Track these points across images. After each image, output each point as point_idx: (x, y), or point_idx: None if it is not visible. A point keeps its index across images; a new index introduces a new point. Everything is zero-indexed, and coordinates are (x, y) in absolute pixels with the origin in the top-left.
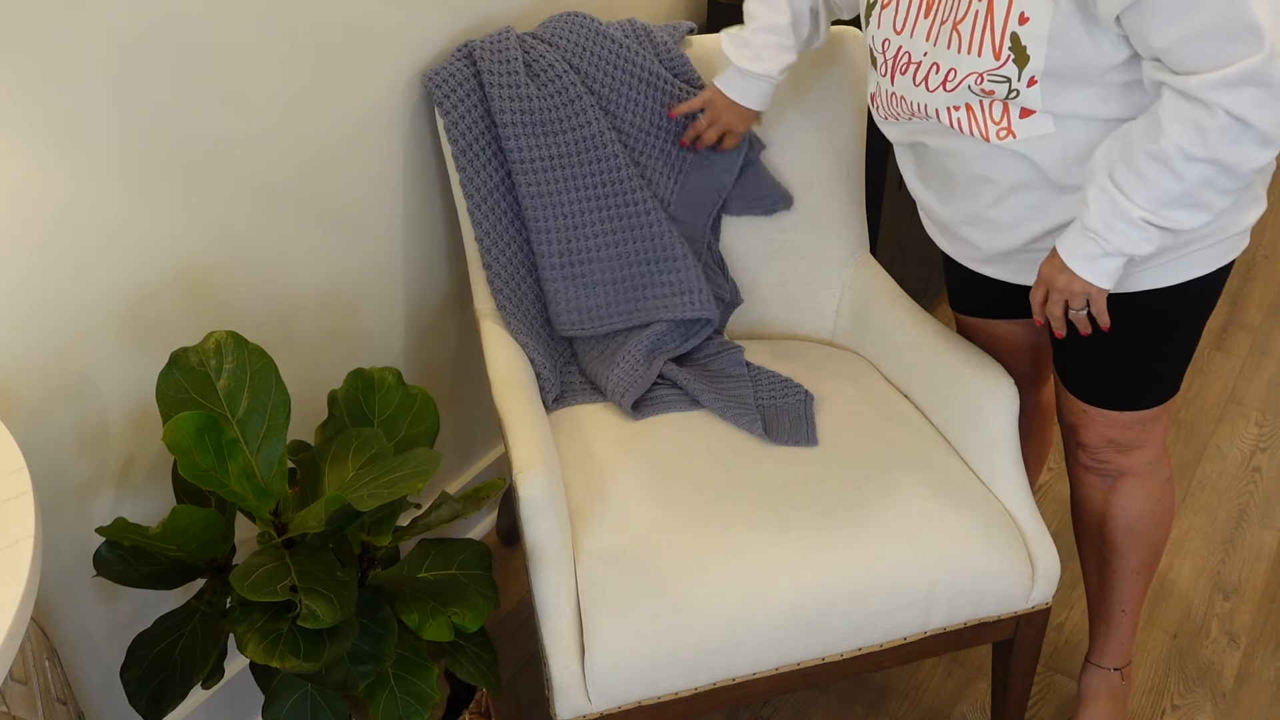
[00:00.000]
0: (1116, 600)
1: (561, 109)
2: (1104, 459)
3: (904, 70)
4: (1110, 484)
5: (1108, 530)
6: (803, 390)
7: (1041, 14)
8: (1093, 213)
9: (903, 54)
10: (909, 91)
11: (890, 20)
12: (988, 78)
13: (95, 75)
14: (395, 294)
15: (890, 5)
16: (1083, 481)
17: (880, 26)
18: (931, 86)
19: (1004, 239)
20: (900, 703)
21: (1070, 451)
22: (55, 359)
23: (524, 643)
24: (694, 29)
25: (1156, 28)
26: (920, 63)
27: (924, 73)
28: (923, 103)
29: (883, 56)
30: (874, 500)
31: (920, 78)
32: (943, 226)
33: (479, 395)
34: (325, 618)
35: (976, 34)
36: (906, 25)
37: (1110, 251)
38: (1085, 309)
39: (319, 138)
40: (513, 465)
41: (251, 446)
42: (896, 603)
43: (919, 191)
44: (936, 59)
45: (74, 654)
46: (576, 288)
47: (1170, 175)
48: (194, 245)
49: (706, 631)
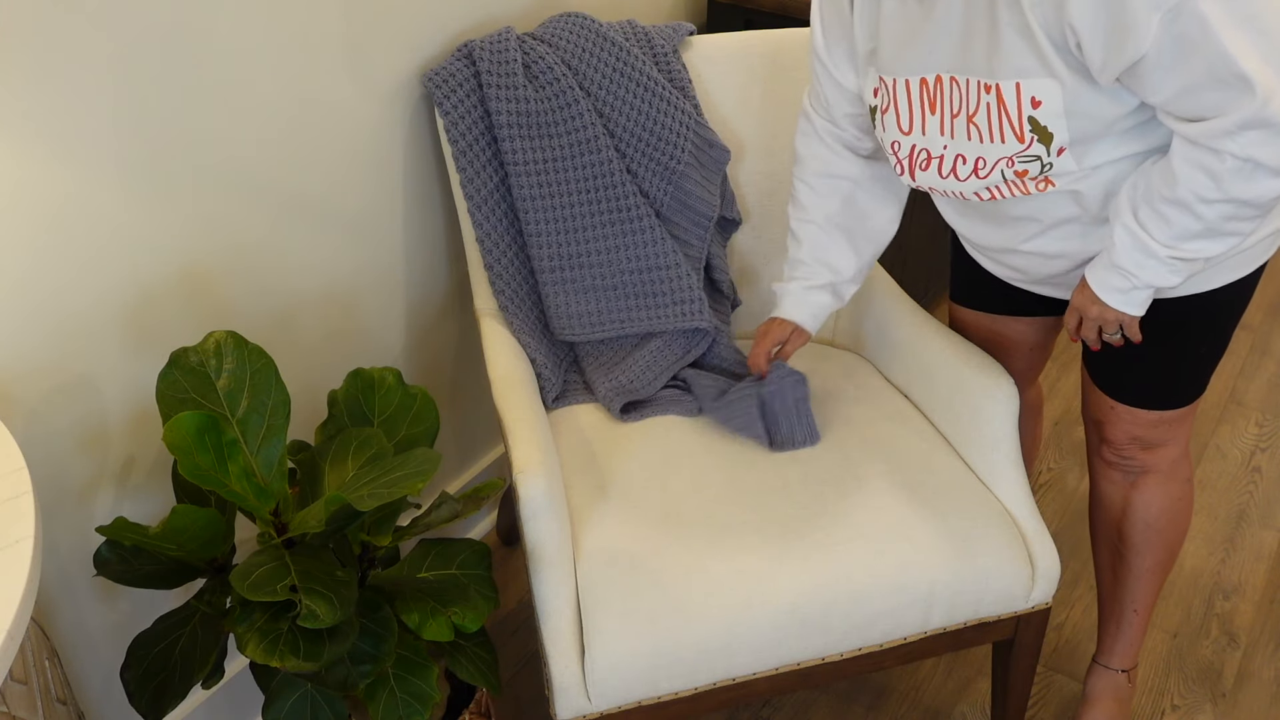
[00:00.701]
0: (1129, 599)
1: (557, 112)
2: (1128, 455)
3: (924, 167)
4: (1132, 481)
5: (1126, 527)
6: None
7: (1051, 95)
8: (1120, 250)
9: (919, 152)
10: (936, 183)
11: (894, 124)
12: (1018, 160)
13: (95, 75)
14: (395, 294)
15: (889, 110)
16: (1104, 477)
17: (886, 130)
18: (962, 176)
19: (1048, 266)
20: (900, 703)
21: (1093, 447)
22: (56, 359)
23: (524, 643)
24: (694, 30)
25: (1153, 86)
26: (942, 156)
27: (949, 166)
28: (955, 190)
29: (895, 157)
30: (874, 500)
31: (947, 170)
32: (980, 250)
33: (479, 395)
34: (325, 618)
35: (994, 124)
36: (914, 125)
37: (1139, 285)
38: (1119, 332)
39: (319, 137)
40: (513, 465)
41: (251, 446)
42: (896, 603)
43: (958, 224)
44: (960, 151)
45: (74, 654)
46: (569, 292)
47: (1190, 216)
48: (194, 245)
49: (706, 631)
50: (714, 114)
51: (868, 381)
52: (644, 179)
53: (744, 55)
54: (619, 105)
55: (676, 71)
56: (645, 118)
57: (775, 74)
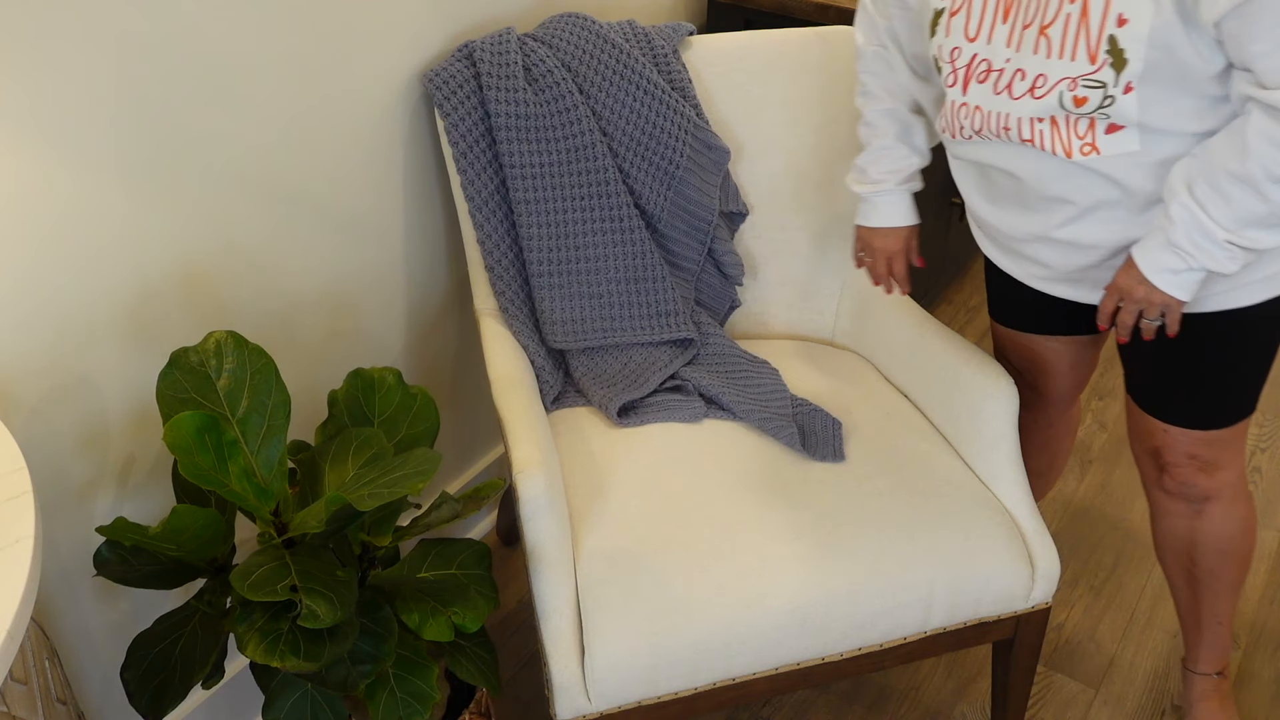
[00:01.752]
0: (1211, 615)
1: (556, 116)
2: (1189, 481)
3: (981, 79)
4: (1197, 510)
5: (1198, 555)
6: (832, 417)
7: (1141, 15)
8: (1179, 229)
9: (979, 62)
10: (987, 101)
11: (961, 27)
12: (1081, 83)
13: (96, 76)
14: (395, 294)
15: (960, 11)
16: (1167, 511)
17: (950, 34)
18: (1016, 94)
19: (1079, 257)
20: (900, 703)
21: (1152, 480)
22: (56, 359)
23: (524, 643)
24: (694, 30)
25: (1257, 32)
26: (1002, 70)
27: (1006, 80)
28: (1003, 112)
29: (951, 65)
30: (873, 500)
31: (1002, 85)
32: (1006, 246)
33: (479, 395)
34: (325, 618)
35: (1069, 37)
36: (982, 31)
37: (1194, 267)
38: (1160, 319)
39: (319, 137)
40: (513, 465)
41: (251, 446)
42: (896, 603)
43: (982, 209)
44: (1021, 65)
45: (74, 654)
46: (556, 298)
47: (1255, 196)
48: (195, 245)
49: (706, 631)
50: (714, 114)
51: (868, 381)
52: (642, 184)
53: (744, 55)
54: (618, 108)
55: (676, 72)
56: (644, 120)
57: (775, 74)
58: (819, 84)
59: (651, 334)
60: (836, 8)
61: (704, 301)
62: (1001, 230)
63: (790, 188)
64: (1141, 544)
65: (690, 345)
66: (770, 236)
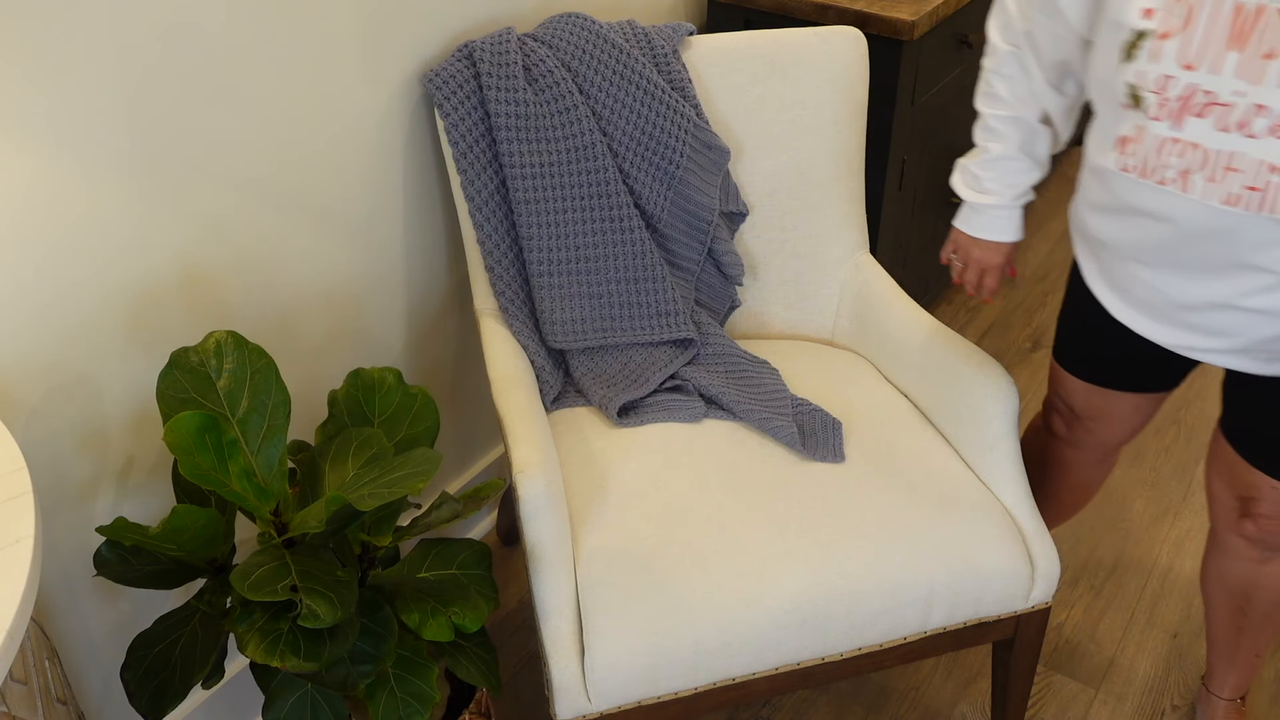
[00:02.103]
0: (1251, 648)
1: (556, 116)
2: (1276, 532)
3: (1200, 113)
4: (1267, 557)
5: (1258, 598)
6: (832, 417)
7: None
8: None
9: (1199, 94)
10: (1210, 139)
11: (1174, 53)
12: None
13: (96, 76)
14: (395, 294)
15: (1174, 37)
16: (1237, 554)
17: (1159, 60)
18: (1257, 132)
19: (1270, 326)
20: (900, 703)
21: (1228, 523)
22: (56, 359)
23: (524, 643)
24: (694, 30)
25: None
26: (1232, 105)
27: (1239, 116)
28: (1233, 151)
29: (1159, 96)
30: (873, 500)
31: (1233, 122)
32: (1165, 313)
33: (479, 395)
34: (325, 618)
35: None
36: (1205, 59)
37: None
38: None
39: (319, 138)
40: (513, 465)
41: (252, 446)
42: (896, 602)
43: (1158, 276)
44: (1262, 100)
45: (74, 654)
46: (556, 298)
47: None
48: (195, 245)
49: (706, 631)
50: (714, 114)
51: (868, 381)
52: (642, 184)
53: (744, 55)
54: (618, 109)
55: (676, 72)
56: (644, 121)
57: (775, 74)
58: (819, 84)
59: (651, 334)
60: (836, 8)
61: (704, 301)
62: (1166, 294)
63: (790, 187)
64: (1141, 544)
65: (690, 345)
66: (770, 236)
